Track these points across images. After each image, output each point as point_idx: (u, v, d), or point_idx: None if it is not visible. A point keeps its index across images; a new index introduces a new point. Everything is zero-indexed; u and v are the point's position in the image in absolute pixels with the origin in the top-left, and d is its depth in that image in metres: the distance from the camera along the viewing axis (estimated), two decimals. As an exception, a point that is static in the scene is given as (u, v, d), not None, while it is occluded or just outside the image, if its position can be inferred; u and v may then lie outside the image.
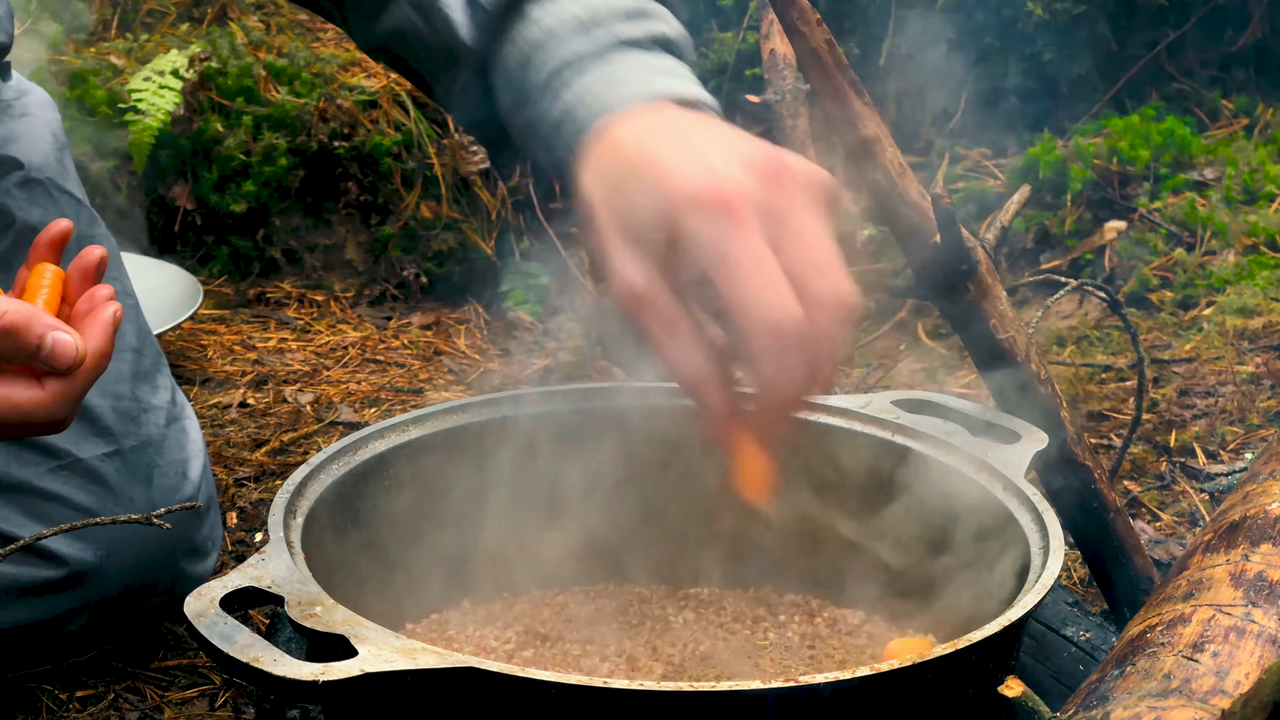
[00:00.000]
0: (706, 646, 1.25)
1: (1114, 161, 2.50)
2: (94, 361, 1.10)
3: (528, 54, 1.24)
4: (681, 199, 1.05)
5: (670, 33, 1.26)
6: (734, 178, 1.05)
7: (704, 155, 1.07)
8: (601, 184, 1.12)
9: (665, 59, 1.24)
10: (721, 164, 1.06)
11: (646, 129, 1.15)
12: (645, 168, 1.09)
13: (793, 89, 2.38)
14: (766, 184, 1.06)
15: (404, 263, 2.59)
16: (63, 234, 1.15)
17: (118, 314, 1.11)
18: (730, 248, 1.03)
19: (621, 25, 1.23)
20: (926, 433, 1.30)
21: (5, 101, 1.54)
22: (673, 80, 1.21)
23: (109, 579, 1.51)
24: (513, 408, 1.33)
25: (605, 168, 1.13)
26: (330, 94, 2.62)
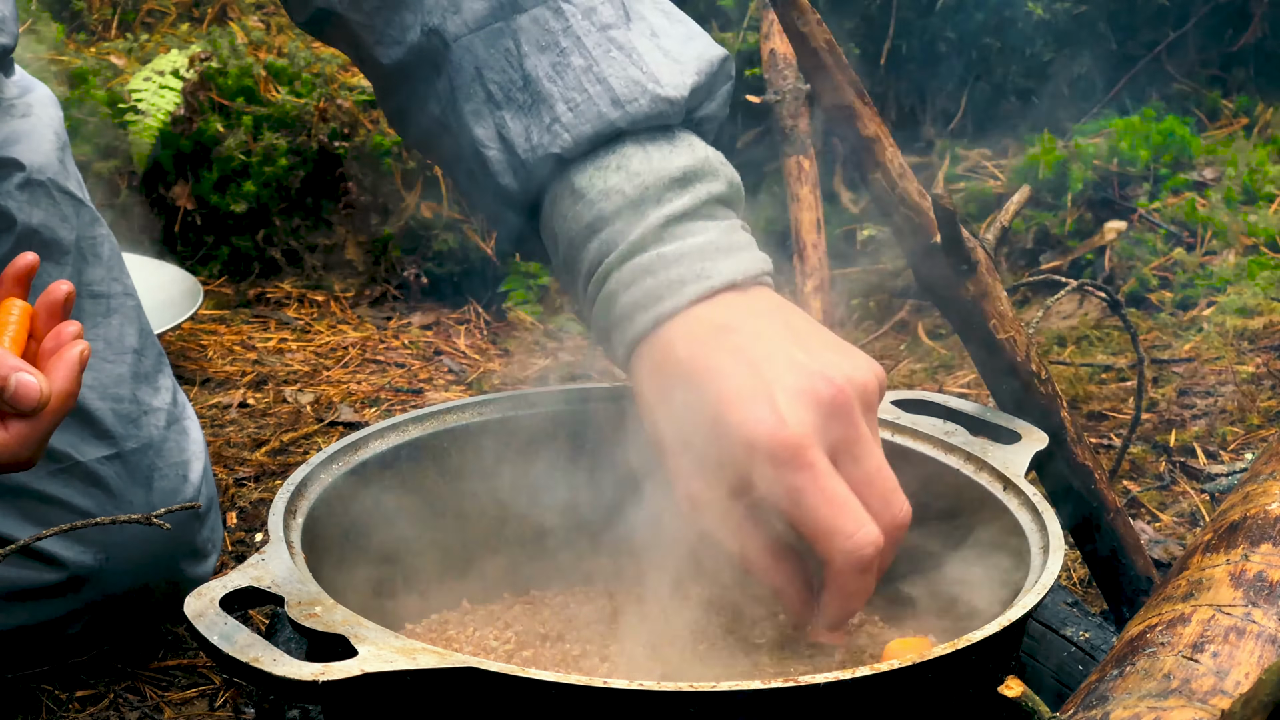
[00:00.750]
0: (706, 646, 1.25)
1: (1114, 161, 2.50)
2: (59, 402, 1.09)
3: (573, 233, 1.19)
4: (750, 449, 1.09)
5: (722, 189, 1.20)
6: (799, 421, 1.08)
7: (768, 391, 1.09)
8: (657, 393, 1.14)
9: (717, 230, 1.18)
10: (785, 404, 1.09)
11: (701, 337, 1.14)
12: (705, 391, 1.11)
13: (793, 89, 2.38)
14: (829, 419, 1.09)
15: (404, 263, 2.59)
16: (29, 267, 1.14)
17: (84, 354, 1.10)
18: (804, 493, 1.08)
19: (671, 197, 1.18)
20: (926, 433, 1.30)
21: (8, 101, 1.54)
22: (726, 261, 1.17)
23: (109, 582, 1.51)
24: (513, 408, 1.33)
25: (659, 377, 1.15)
26: (330, 94, 2.62)
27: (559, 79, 1.19)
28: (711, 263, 1.16)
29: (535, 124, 1.19)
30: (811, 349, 1.13)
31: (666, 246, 1.17)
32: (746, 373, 1.11)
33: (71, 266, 1.53)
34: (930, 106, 2.70)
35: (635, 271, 1.17)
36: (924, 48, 2.66)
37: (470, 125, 1.22)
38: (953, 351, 2.28)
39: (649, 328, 1.16)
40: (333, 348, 2.36)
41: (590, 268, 1.19)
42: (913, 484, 1.30)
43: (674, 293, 1.16)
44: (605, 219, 1.18)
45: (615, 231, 1.18)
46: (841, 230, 2.54)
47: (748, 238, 1.21)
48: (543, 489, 1.33)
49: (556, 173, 1.20)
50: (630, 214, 1.17)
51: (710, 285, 1.16)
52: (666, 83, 1.20)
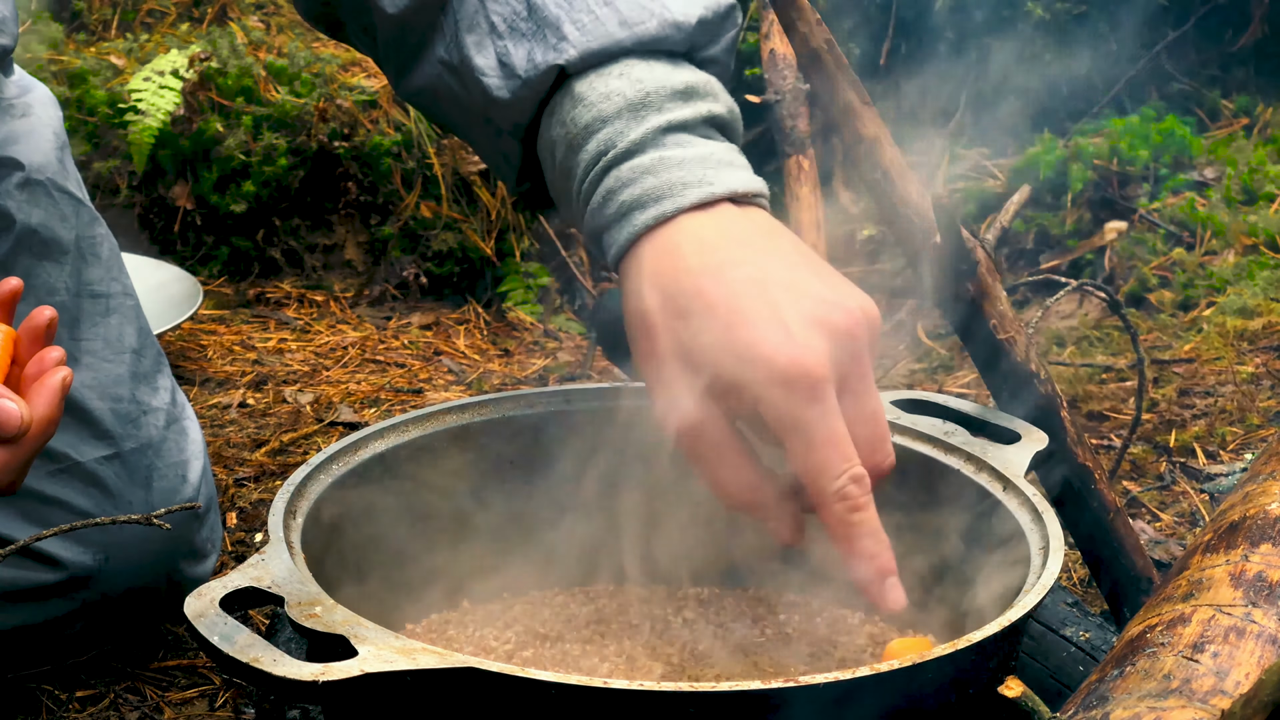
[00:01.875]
0: (706, 646, 1.25)
1: (1114, 161, 2.50)
2: (40, 429, 1.08)
3: (572, 135, 1.19)
4: (764, 369, 1.07)
5: (722, 111, 1.21)
6: (814, 349, 1.07)
7: (783, 316, 1.08)
8: (665, 306, 1.12)
9: (717, 144, 1.19)
10: (803, 330, 1.08)
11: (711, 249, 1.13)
12: (721, 316, 1.09)
13: (793, 89, 2.38)
14: (842, 350, 1.09)
15: (404, 263, 2.59)
16: (13, 292, 1.12)
17: (67, 380, 1.09)
18: (809, 426, 1.07)
19: (673, 107, 1.18)
20: (926, 433, 1.30)
21: (7, 100, 1.54)
22: (727, 173, 1.16)
23: (109, 582, 1.51)
24: (513, 408, 1.33)
25: (668, 287, 1.12)
26: (330, 94, 2.62)
27: (567, 4, 1.19)
28: (714, 171, 1.16)
29: (539, 45, 1.19)
30: (825, 276, 1.13)
31: (668, 151, 1.16)
32: (764, 293, 1.09)
33: (71, 266, 1.53)
34: (930, 106, 2.70)
35: (635, 170, 1.16)
36: (924, 48, 2.66)
37: (471, 56, 1.21)
38: (953, 351, 2.28)
39: (649, 226, 1.15)
40: (332, 348, 2.36)
41: (587, 167, 1.18)
42: (912, 484, 1.30)
43: (675, 194, 1.15)
44: (605, 119, 1.18)
45: (615, 131, 1.17)
46: (841, 230, 2.54)
47: (745, 161, 1.20)
48: (543, 489, 1.33)
49: (557, 86, 1.20)
50: (630, 116, 1.17)
51: (712, 191, 1.15)
52: (675, 9, 1.20)
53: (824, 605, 1.34)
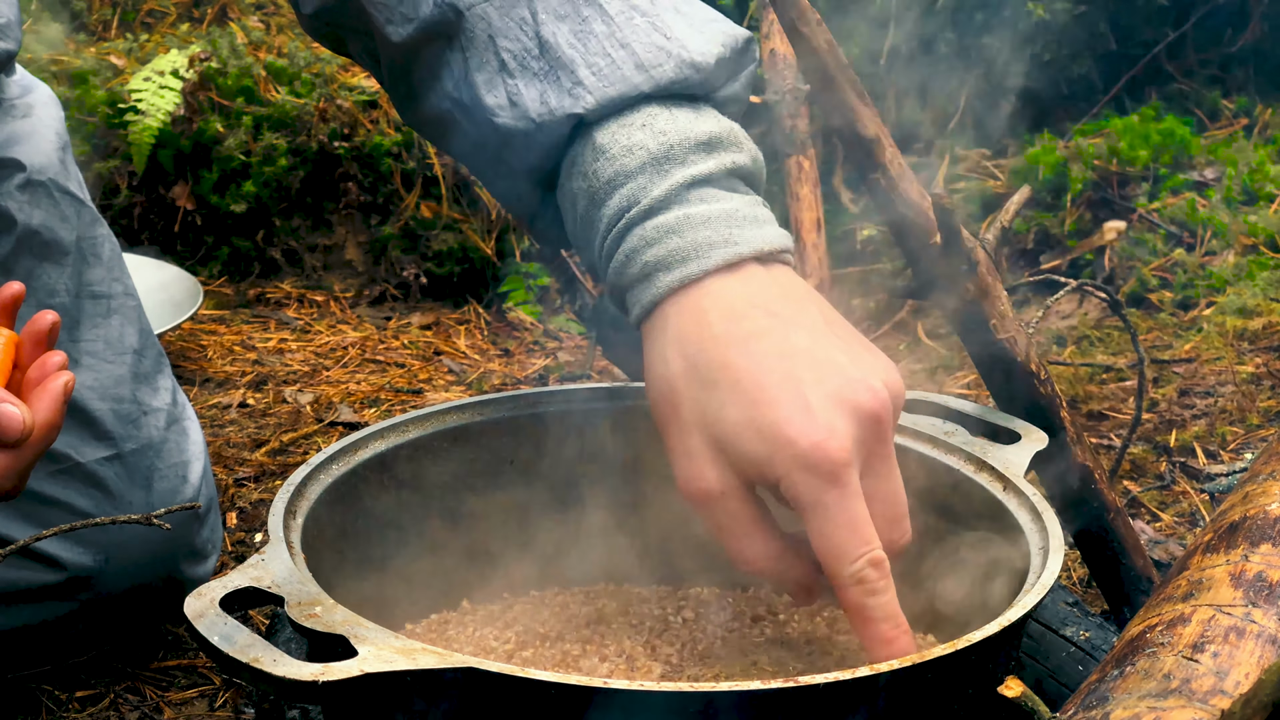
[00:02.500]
0: (705, 646, 1.25)
1: (1114, 161, 2.50)
2: (42, 433, 1.08)
3: (596, 189, 1.16)
4: (787, 451, 1.06)
5: (746, 161, 1.18)
6: (838, 433, 1.06)
7: (809, 395, 1.07)
8: (689, 375, 1.10)
9: (742, 199, 1.16)
10: (828, 412, 1.07)
11: (738, 317, 1.11)
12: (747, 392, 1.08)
13: (793, 89, 2.38)
14: (866, 432, 1.08)
15: (404, 263, 2.59)
16: (15, 296, 1.12)
17: (69, 385, 1.09)
18: (830, 510, 1.07)
19: (697, 159, 1.15)
20: (926, 433, 1.30)
21: (9, 101, 1.54)
22: (752, 231, 1.14)
23: (109, 583, 1.51)
24: (513, 408, 1.33)
25: (693, 355, 1.11)
26: (330, 94, 2.63)
27: (580, 45, 1.16)
28: (739, 230, 1.14)
29: (553, 88, 1.16)
30: (851, 349, 1.11)
31: (693, 208, 1.14)
32: (791, 369, 1.08)
33: (72, 267, 1.53)
34: (930, 106, 2.71)
35: (660, 230, 1.13)
36: (924, 48, 2.66)
37: (482, 95, 1.18)
38: (953, 351, 2.28)
39: (672, 288, 1.13)
40: (332, 348, 2.36)
41: (610, 223, 1.15)
42: (913, 484, 1.30)
43: (701, 255, 1.12)
44: (628, 174, 1.15)
45: (638, 187, 1.15)
46: (841, 230, 2.54)
47: (770, 214, 1.18)
48: (543, 489, 1.33)
49: (576, 135, 1.17)
50: (654, 171, 1.15)
51: (738, 252, 1.13)
52: (693, 49, 1.17)
53: (824, 605, 1.34)
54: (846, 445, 1.06)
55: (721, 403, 1.09)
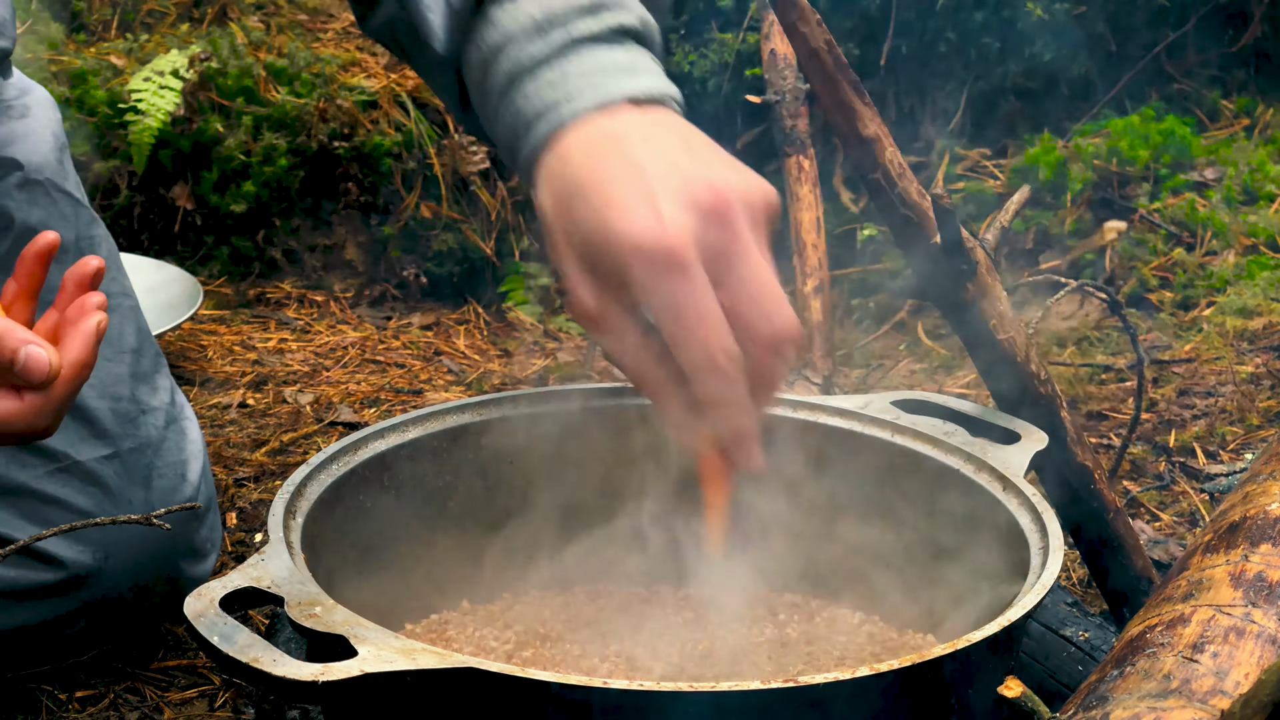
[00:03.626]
0: (705, 646, 1.25)
1: (1114, 162, 2.50)
2: (72, 372, 1.09)
3: (486, 58, 1.23)
4: (628, 246, 1.10)
5: (631, 21, 1.24)
6: (678, 224, 1.09)
7: (650, 193, 1.10)
8: (554, 203, 1.16)
9: (624, 52, 1.22)
10: (667, 206, 1.10)
11: (595, 145, 1.16)
12: (593, 199, 1.13)
13: (793, 89, 2.38)
14: (710, 223, 1.10)
15: (404, 263, 2.59)
16: (50, 245, 1.14)
17: (102, 325, 1.10)
18: (674, 298, 1.09)
19: (579, 22, 1.21)
20: (926, 433, 1.30)
21: (6, 102, 1.54)
22: (627, 79, 1.20)
23: (108, 582, 1.51)
24: (513, 408, 1.33)
25: (556, 185, 1.16)
26: (330, 94, 2.62)
27: None
28: (613, 79, 1.19)
29: None
30: (702, 159, 1.15)
31: (570, 64, 1.20)
32: (633, 177, 1.12)
33: (70, 266, 1.53)
34: (930, 106, 2.70)
35: (537, 85, 1.20)
36: (924, 48, 2.66)
37: None
38: (953, 351, 2.28)
39: (547, 136, 1.18)
40: (332, 348, 2.36)
41: (496, 86, 1.22)
42: (913, 484, 1.30)
43: (571, 101, 1.18)
44: (512, 39, 1.22)
45: (520, 49, 1.21)
46: (841, 230, 2.54)
47: (655, 66, 1.23)
48: (542, 489, 1.33)
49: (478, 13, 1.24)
50: (536, 34, 1.21)
51: (608, 95, 1.18)
52: None
53: (824, 605, 1.34)
54: (685, 236, 1.09)
55: (577, 218, 1.14)
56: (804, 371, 1.90)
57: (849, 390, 2.09)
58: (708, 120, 2.66)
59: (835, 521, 1.33)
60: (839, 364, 2.24)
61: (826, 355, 2.13)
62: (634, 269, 1.09)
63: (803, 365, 1.99)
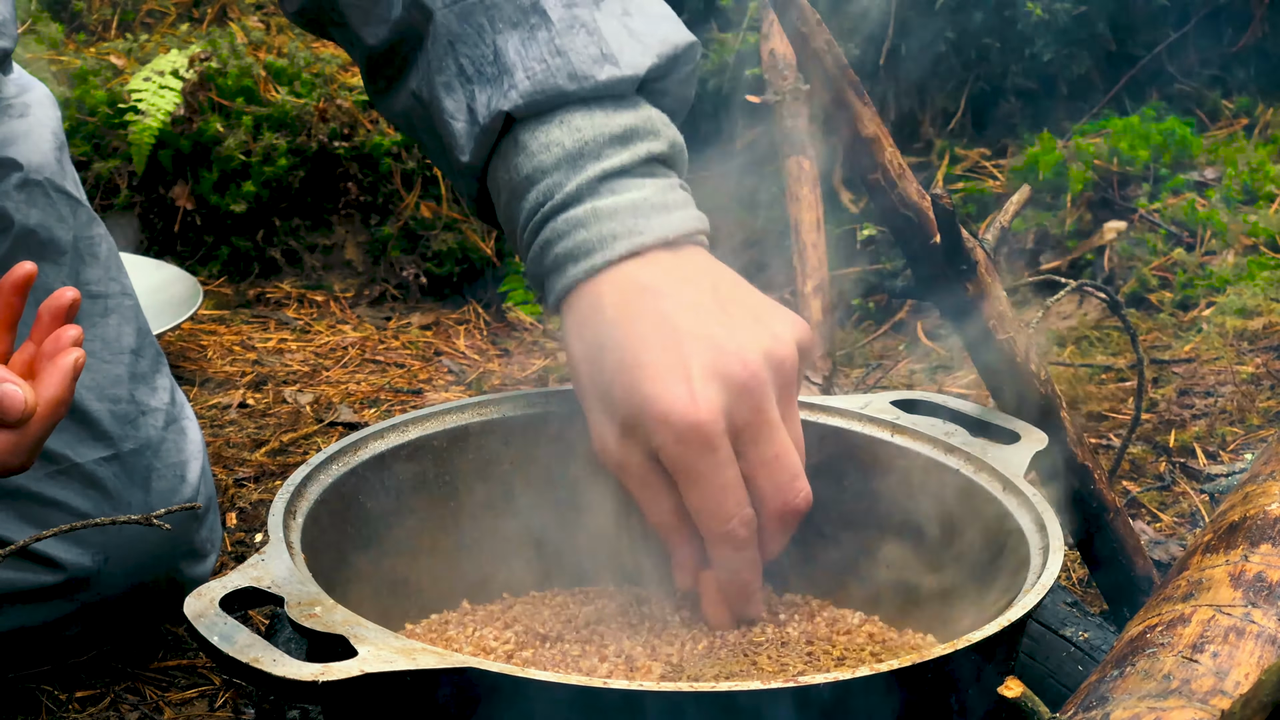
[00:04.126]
0: (705, 646, 1.25)
1: (1114, 162, 2.49)
2: (49, 410, 1.09)
3: (515, 183, 1.23)
4: (659, 417, 1.14)
5: (663, 148, 1.24)
6: (710, 402, 1.13)
7: (684, 365, 1.14)
8: (584, 350, 1.19)
9: (654, 185, 1.22)
10: (699, 381, 1.14)
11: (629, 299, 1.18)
12: (627, 360, 1.16)
13: (793, 89, 2.38)
14: (739, 399, 1.14)
15: (404, 263, 2.59)
16: (28, 276, 1.14)
17: (79, 362, 1.10)
18: (700, 471, 1.14)
19: (610, 154, 1.22)
20: (926, 433, 1.30)
21: (6, 101, 1.54)
22: (659, 219, 1.21)
23: (108, 583, 1.51)
24: (513, 408, 1.33)
25: (589, 338, 1.19)
26: (330, 94, 2.62)
27: (523, 50, 1.23)
28: (645, 219, 1.20)
29: (496, 91, 1.23)
30: (734, 322, 1.17)
31: (601, 201, 1.20)
32: (667, 345, 1.15)
33: (69, 266, 1.53)
34: (930, 106, 2.70)
35: (569, 223, 1.20)
36: (924, 48, 2.66)
37: (441, 97, 1.25)
38: (953, 351, 2.28)
39: (579, 280, 1.20)
40: (332, 348, 2.36)
41: (527, 218, 1.23)
42: (912, 484, 1.30)
43: (605, 247, 1.19)
44: (544, 170, 1.22)
45: (552, 183, 1.21)
46: (841, 230, 2.54)
47: (685, 196, 1.24)
48: (542, 489, 1.33)
49: (506, 132, 1.24)
50: (568, 167, 1.21)
51: (641, 242, 1.20)
52: (625, 62, 1.23)
53: (824, 605, 1.34)
54: (717, 415, 1.13)
55: (610, 380, 1.17)
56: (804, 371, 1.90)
57: (849, 390, 2.09)
58: (708, 120, 2.67)
59: (835, 521, 1.33)
60: (839, 364, 2.24)
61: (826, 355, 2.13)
62: (663, 439, 1.14)
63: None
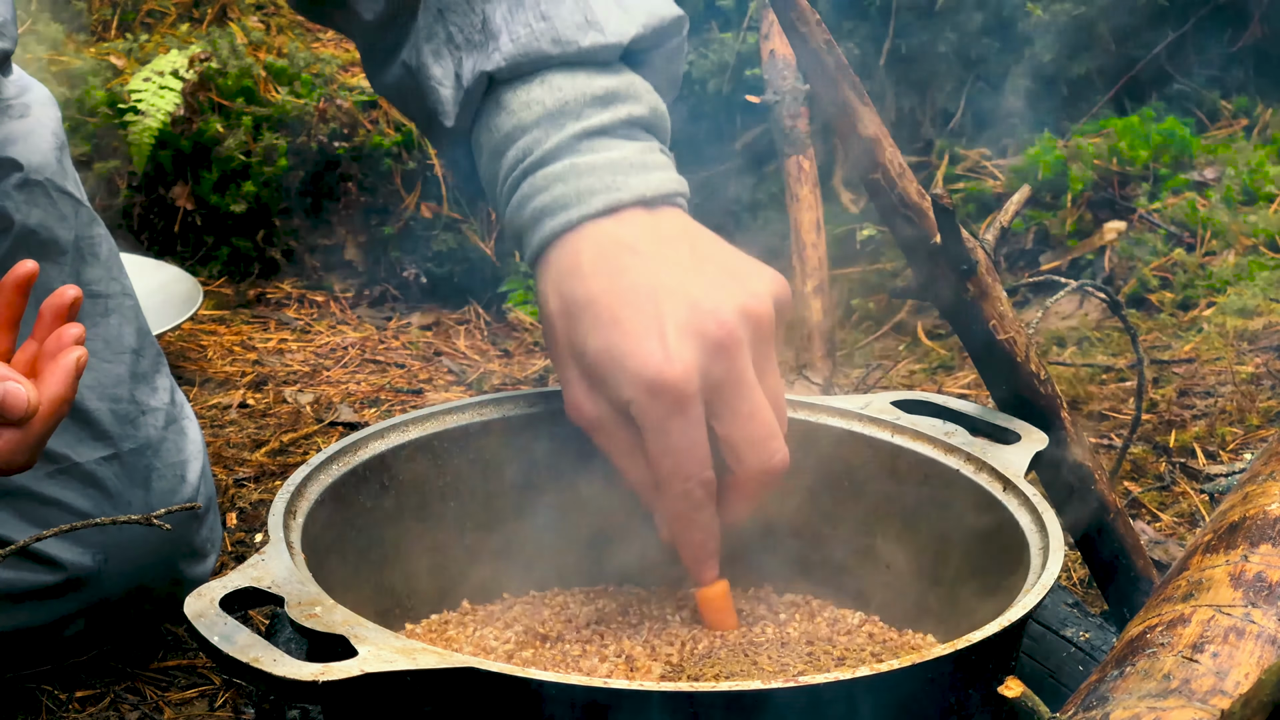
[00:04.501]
0: (705, 646, 1.25)
1: (1114, 162, 2.49)
2: (51, 408, 1.09)
3: (497, 142, 1.24)
4: (633, 376, 1.14)
5: (643, 111, 1.25)
6: (684, 360, 1.14)
7: (659, 323, 1.14)
8: (562, 311, 1.19)
9: (635, 145, 1.23)
10: (674, 340, 1.14)
11: (605, 256, 1.19)
12: (603, 317, 1.16)
13: (793, 89, 2.38)
14: (714, 357, 1.15)
15: (404, 263, 2.59)
16: (29, 275, 1.14)
17: (81, 360, 1.10)
18: (668, 430, 1.15)
19: (591, 113, 1.22)
20: (926, 433, 1.30)
21: (6, 101, 1.54)
22: (637, 177, 1.21)
23: (108, 583, 1.51)
24: (512, 408, 1.33)
25: (565, 293, 1.19)
26: (330, 94, 2.62)
27: (510, 16, 1.24)
28: (623, 177, 1.21)
29: (481, 56, 1.24)
30: (710, 279, 1.17)
31: (581, 158, 1.21)
32: (643, 302, 1.15)
33: (69, 266, 1.53)
34: (930, 106, 2.70)
35: (548, 178, 1.21)
36: (924, 48, 2.66)
37: (429, 64, 1.26)
38: (953, 351, 2.28)
39: (556, 233, 1.20)
40: (332, 348, 2.36)
41: (507, 174, 1.23)
42: (912, 484, 1.30)
43: (583, 201, 1.20)
44: (524, 128, 1.22)
45: (532, 139, 1.22)
46: (841, 230, 2.54)
47: (664, 159, 1.25)
48: (542, 489, 1.33)
49: (489, 93, 1.25)
50: (548, 124, 1.22)
51: (619, 198, 1.20)
52: (610, 30, 1.24)
53: (824, 605, 1.34)
54: (690, 374, 1.14)
55: (585, 334, 1.17)
56: (804, 371, 1.90)
57: (849, 390, 2.09)
58: (708, 120, 2.67)
59: (835, 521, 1.33)
60: (839, 364, 2.24)
61: (826, 355, 2.13)
62: (636, 397, 1.14)
63: (803, 365, 1.99)
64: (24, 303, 1.13)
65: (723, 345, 1.15)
